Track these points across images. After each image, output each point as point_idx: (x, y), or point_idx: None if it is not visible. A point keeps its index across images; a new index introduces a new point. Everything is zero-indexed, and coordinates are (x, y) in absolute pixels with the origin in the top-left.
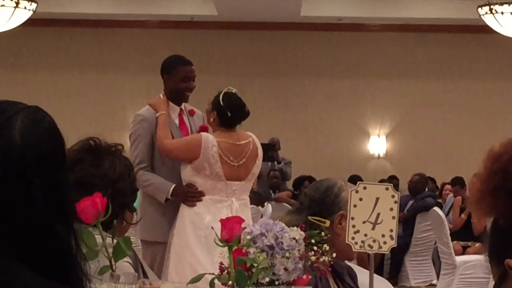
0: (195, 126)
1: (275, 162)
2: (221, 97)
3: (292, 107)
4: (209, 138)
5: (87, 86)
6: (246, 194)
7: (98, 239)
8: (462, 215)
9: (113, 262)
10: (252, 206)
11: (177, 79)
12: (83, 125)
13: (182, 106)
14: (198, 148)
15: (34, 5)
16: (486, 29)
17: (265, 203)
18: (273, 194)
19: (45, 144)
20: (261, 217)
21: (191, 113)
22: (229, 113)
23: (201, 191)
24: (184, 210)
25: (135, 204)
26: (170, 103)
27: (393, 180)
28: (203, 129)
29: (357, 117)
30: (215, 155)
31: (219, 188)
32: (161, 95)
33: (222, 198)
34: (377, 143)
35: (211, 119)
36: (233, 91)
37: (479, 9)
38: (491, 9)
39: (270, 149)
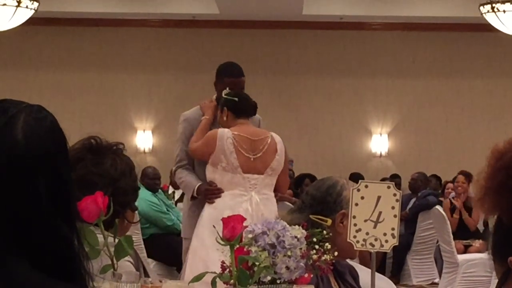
0: None
1: None
2: (223, 94)
3: (294, 105)
4: (225, 131)
5: (89, 85)
6: (268, 189)
7: (100, 238)
8: (454, 215)
9: (114, 261)
10: None
11: (222, 87)
12: (85, 124)
13: None
14: (214, 141)
15: (36, 4)
16: (488, 28)
17: None
18: None
19: (47, 143)
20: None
21: None
22: (237, 98)
23: (219, 188)
24: (205, 208)
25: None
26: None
27: (395, 178)
28: None
29: (359, 115)
30: (230, 146)
31: (237, 182)
32: (213, 98)
33: (242, 192)
34: (379, 142)
35: (224, 118)
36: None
37: (481, 8)
38: (493, 8)
39: None
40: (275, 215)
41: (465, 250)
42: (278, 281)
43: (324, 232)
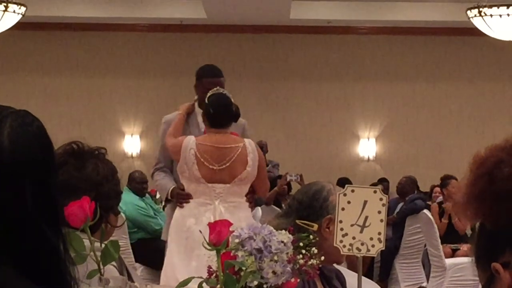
0: None
1: None
2: (207, 96)
3: (282, 109)
4: (190, 141)
5: (76, 90)
6: (236, 196)
7: (85, 242)
8: (443, 219)
9: (101, 266)
10: None
11: (202, 89)
12: (72, 128)
13: None
14: (179, 150)
15: (23, 9)
16: (475, 32)
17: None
18: None
19: (33, 149)
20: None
21: None
22: (211, 110)
23: (188, 193)
24: (175, 212)
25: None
26: (198, 109)
27: (383, 182)
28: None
29: (346, 119)
30: (192, 157)
31: (202, 191)
32: (194, 101)
33: (206, 201)
34: (367, 146)
35: (204, 121)
36: (222, 91)
37: (468, 12)
38: (480, 12)
39: None
40: (248, 221)
41: (453, 254)
42: (264, 286)
43: (311, 236)
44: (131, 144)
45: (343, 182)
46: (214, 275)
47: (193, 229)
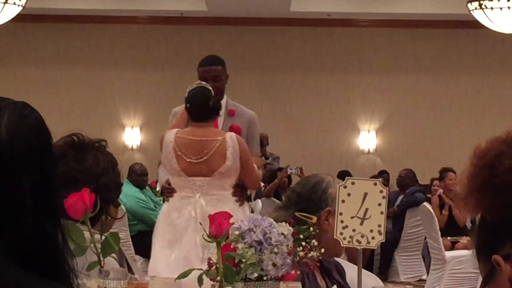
0: (228, 127)
1: (263, 158)
2: (188, 89)
3: (282, 102)
4: (170, 135)
5: (77, 82)
6: (219, 189)
7: (85, 234)
8: (443, 212)
9: (101, 258)
10: None
11: (199, 79)
12: (73, 121)
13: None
14: (161, 145)
15: (23, 1)
16: (475, 25)
17: (253, 200)
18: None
19: (32, 140)
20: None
21: (230, 113)
22: (188, 104)
23: (172, 187)
24: (163, 206)
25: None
26: None
27: (383, 174)
28: (233, 129)
29: (346, 112)
30: (171, 151)
31: (183, 184)
32: None
33: (188, 194)
34: (367, 139)
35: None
36: (203, 84)
37: (469, 4)
38: (480, 5)
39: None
40: (232, 213)
41: (452, 246)
42: (264, 278)
43: (311, 229)
44: (132, 136)
45: (343, 175)
46: (214, 267)
47: (175, 222)
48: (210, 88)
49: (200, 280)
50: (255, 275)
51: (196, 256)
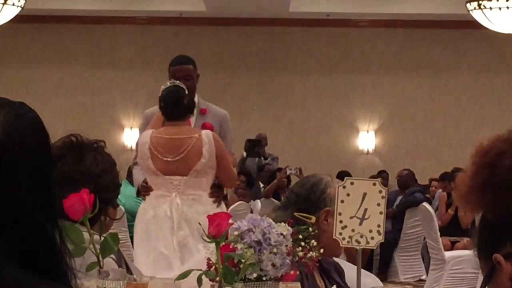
0: (200, 125)
1: (262, 158)
2: (161, 88)
3: (281, 102)
4: (146, 135)
5: (76, 83)
6: (195, 189)
7: (85, 235)
8: (449, 210)
9: (100, 259)
10: (241, 202)
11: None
12: (72, 121)
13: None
14: (137, 146)
15: (22, 2)
16: (474, 25)
17: (252, 200)
18: (262, 189)
19: (28, 140)
20: (251, 212)
21: (202, 112)
22: (162, 104)
23: (149, 186)
24: (141, 204)
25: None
26: None
27: (382, 174)
28: (205, 128)
29: (345, 112)
30: (147, 151)
31: (160, 183)
32: None
33: (164, 193)
34: (366, 139)
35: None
36: (177, 83)
37: (468, 5)
38: (479, 5)
39: (257, 145)
40: (208, 214)
41: (452, 246)
42: (264, 278)
43: (310, 229)
44: (130, 137)
45: (343, 175)
46: (213, 267)
47: (151, 221)
48: (184, 86)
49: (199, 281)
50: (254, 275)
51: (175, 256)
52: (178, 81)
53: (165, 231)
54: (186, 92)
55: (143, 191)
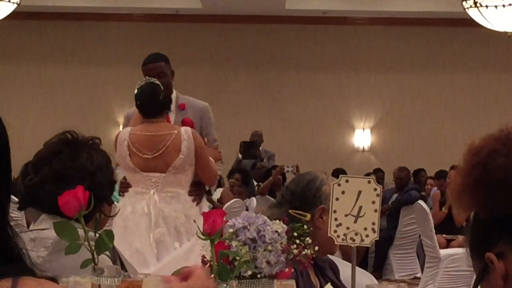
0: (180, 121)
1: (258, 160)
2: (136, 86)
3: (277, 100)
4: (124, 133)
5: (72, 79)
6: (174, 186)
7: (79, 232)
8: (443, 209)
9: (95, 256)
10: (236, 199)
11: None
12: (67, 118)
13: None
14: (116, 143)
15: None
16: (470, 23)
17: (249, 197)
18: (256, 187)
19: None
20: (246, 210)
21: (181, 107)
22: (138, 101)
23: (128, 182)
24: (120, 201)
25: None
26: None
27: (378, 172)
28: (185, 123)
29: (341, 110)
30: (125, 149)
31: (139, 179)
32: None
33: (143, 190)
34: (362, 137)
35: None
36: (152, 80)
37: (464, 3)
38: (475, 3)
39: (252, 147)
40: (187, 213)
41: (448, 244)
42: (258, 276)
43: (305, 226)
44: None
45: (338, 172)
46: (208, 264)
47: (129, 218)
48: (159, 83)
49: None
50: (249, 273)
51: (151, 253)
52: (153, 78)
53: (142, 227)
54: (161, 88)
55: (122, 187)
